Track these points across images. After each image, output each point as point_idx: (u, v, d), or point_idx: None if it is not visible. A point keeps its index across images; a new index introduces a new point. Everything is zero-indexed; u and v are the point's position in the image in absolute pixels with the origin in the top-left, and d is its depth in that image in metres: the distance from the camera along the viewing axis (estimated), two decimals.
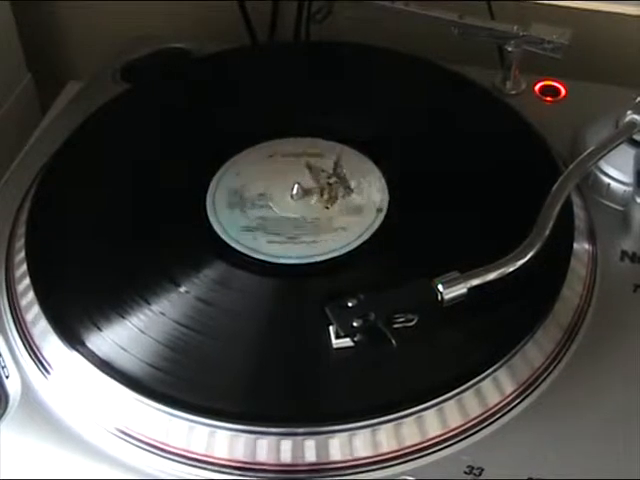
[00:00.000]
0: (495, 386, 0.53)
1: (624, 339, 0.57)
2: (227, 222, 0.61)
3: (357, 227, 0.60)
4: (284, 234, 0.60)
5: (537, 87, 0.74)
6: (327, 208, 0.62)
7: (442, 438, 0.52)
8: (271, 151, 0.66)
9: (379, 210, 0.61)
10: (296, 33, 0.86)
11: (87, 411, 0.54)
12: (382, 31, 0.76)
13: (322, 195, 0.62)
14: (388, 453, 0.51)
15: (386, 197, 0.62)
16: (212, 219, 0.61)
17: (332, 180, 0.63)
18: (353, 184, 0.63)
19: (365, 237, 0.59)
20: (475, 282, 0.54)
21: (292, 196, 0.62)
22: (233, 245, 0.59)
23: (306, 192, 0.62)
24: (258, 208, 0.62)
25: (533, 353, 0.54)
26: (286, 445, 0.51)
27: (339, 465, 0.51)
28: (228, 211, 0.62)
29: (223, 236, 0.60)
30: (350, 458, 0.51)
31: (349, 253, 0.59)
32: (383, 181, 0.63)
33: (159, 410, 0.52)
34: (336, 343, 0.53)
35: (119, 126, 0.69)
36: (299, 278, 0.58)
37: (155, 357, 0.54)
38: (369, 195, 0.62)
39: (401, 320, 0.53)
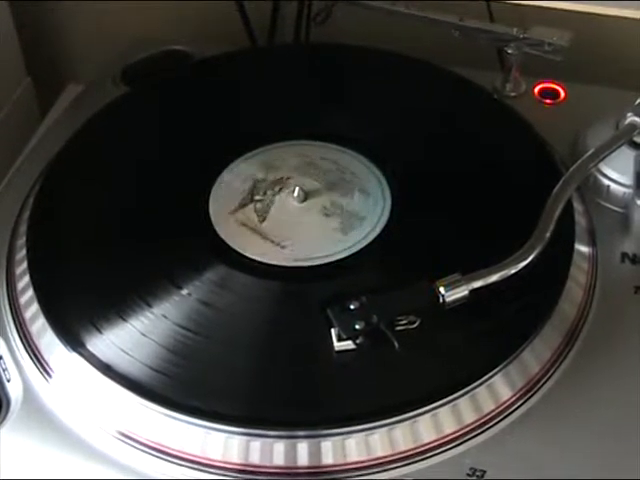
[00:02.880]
0: (501, 386, 0.53)
1: (625, 341, 0.57)
2: (229, 224, 0.61)
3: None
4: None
5: (537, 89, 0.74)
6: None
7: (445, 440, 0.52)
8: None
9: (381, 214, 0.61)
10: (296, 35, 0.86)
11: (88, 414, 0.54)
12: (382, 33, 0.76)
13: (322, 196, 0.63)
14: (386, 456, 0.51)
15: (388, 200, 0.62)
16: (214, 221, 0.61)
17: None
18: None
19: (367, 240, 0.59)
20: (477, 284, 0.54)
21: (294, 199, 0.62)
22: (235, 247, 0.59)
23: (308, 195, 0.62)
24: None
25: (535, 354, 0.55)
26: (281, 448, 0.51)
27: (358, 466, 0.51)
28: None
29: (225, 238, 0.60)
30: (358, 460, 0.51)
31: (351, 256, 0.59)
32: (385, 184, 0.63)
33: (160, 413, 0.52)
34: (338, 346, 0.53)
35: (119, 129, 0.69)
36: (301, 281, 0.58)
37: (157, 360, 0.54)
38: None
39: (403, 322, 0.53)
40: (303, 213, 0.62)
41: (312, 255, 0.59)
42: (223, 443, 0.51)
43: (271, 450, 0.51)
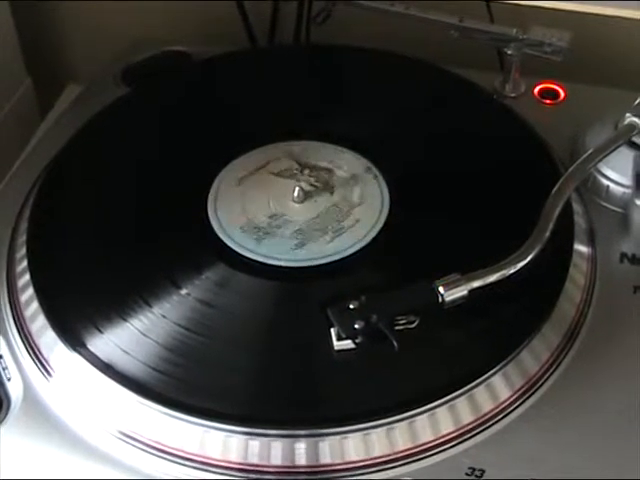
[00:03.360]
0: (500, 385, 0.53)
1: (624, 340, 0.57)
2: (228, 224, 0.61)
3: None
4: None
5: (537, 90, 0.74)
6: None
7: (444, 439, 0.52)
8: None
9: (380, 213, 0.61)
10: (296, 36, 0.86)
11: (88, 413, 0.54)
12: (381, 34, 0.76)
13: (322, 197, 0.63)
14: (385, 456, 0.51)
15: (387, 199, 0.62)
16: (213, 221, 0.61)
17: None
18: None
19: (367, 240, 0.60)
20: (476, 284, 0.54)
21: (294, 199, 0.62)
22: (234, 247, 0.59)
23: (307, 195, 0.62)
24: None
25: (533, 354, 0.55)
26: (280, 447, 0.51)
27: (356, 465, 0.51)
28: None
29: (224, 238, 0.60)
30: (360, 459, 0.51)
31: (351, 256, 0.59)
32: (384, 183, 0.63)
33: (161, 412, 0.52)
34: (337, 345, 0.53)
35: (120, 129, 0.69)
36: (300, 280, 0.58)
37: (156, 359, 0.54)
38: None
39: (403, 322, 0.53)
40: (303, 213, 0.62)
41: (312, 255, 0.59)
42: (223, 442, 0.51)
43: (269, 449, 0.51)
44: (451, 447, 0.52)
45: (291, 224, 0.61)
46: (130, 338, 0.55)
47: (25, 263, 0.60)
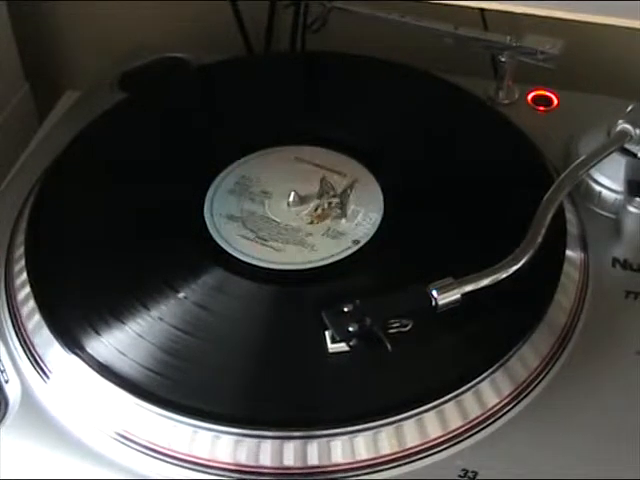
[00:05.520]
0: (491, 389, 0.53)
1: (616, 344, 0.57)
2: (225, 228, 0.62)
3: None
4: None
5: (530, 97, 0.75)
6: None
7: (436, 442, 0.52)
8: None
9: (375, 218, 0.62)
10: (292, 42, 0.87)
11: (86, 415, 0.54)
12: (377, 41, 0.77)
13: (315, 210, 0.63)
14: (385, 456, 0.52)
15: (381, 204, 0.63)
16: (210, 226, 0.62)
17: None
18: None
19: (361, 244, 0.60)
20: (468, 288, 0.54)
21: (289, 203, 0.63)
22: (231, 252, 0.60)
23: (303, 199, 0.63)
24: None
25: (527, 358, 0.55)
26: (288, 449, 0.51)
27: (345, 467, 0.52)
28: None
29: (221, 242, 0.61)
30: (345, 461, 0.51)
31: (345, 259, 0.59)
32: (378, 189, 0.64)
33: (158, 414, 0.52)
34: (332, 348, 0.53)
35: (117, 134, 0.70)
36: (295, 284, 0.59)
37: (154, 361, 0.54)
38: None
39: (396, 325, 0.53)
40: (298, 217, 0.62)
41: (307, 259, 0.59)
42: (213, 442, 0.52)
43: (268, 449, 0.51)
44: (443, 450, 0.52)
45: (286, 228, 0.61)
46: (127, 340, 0.55)
47: (23, 266, 0.60)
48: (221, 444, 0.52)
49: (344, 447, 0.51)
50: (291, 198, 0.63)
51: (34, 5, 0.95)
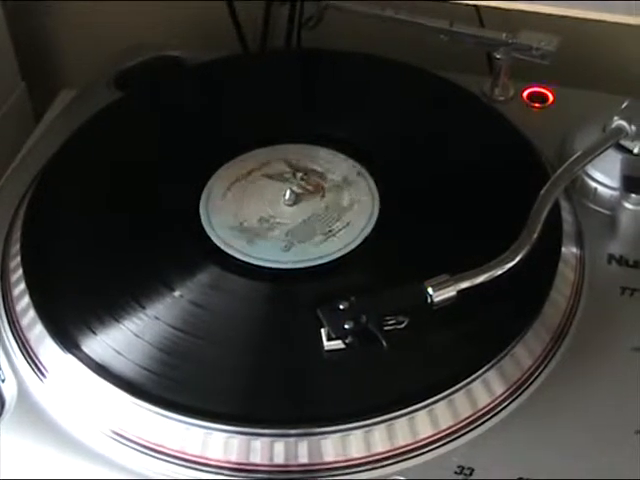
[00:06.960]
0: (485, 387, 0.53)
1: (611, 341, 0.57)
2: (220, 226, 0.62)
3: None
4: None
5: (525, 93, 0.75)
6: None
7: (433, 439, 0.52)
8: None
9: (370, 216, 0.62)
10: (287, 40, 0.87)
11: (83, 414, 0.54)
12: (372, 38, 0.77)
13: (313, 199, 0.63)
14: (380, 454, 0.52)
15: (377, 202, 0.63)
16: (205, 223, 0.62)
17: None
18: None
19: (357, 242, 0.60)
20: (464, 285, 0.54)
21: (285, 202, 0.63)
22: (226, 250, 0.60)
23: (298, 197, 0.63)
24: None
25: (522, 355, 0.55)
26: (279, 446, 0.51)
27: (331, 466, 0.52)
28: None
29: (216, 241, 0.61)
30: (338, 459, 0.51)
31: (341, 257, 0.59)
32: (373, 186, 0.64)
33: (153, 412, 0.52)
34: (327, 345, 0.54)
35: (113, 133, 0.70)
36: (291, 282, 0.59)
37: (149, 360, 0.54)
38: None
39: (392, 322, 0.53)
40: (294, 215, 0.62)
41: (303, 257, 0.59)
42: (223, 442, 0.52)
43: (269, 448, 0.51)
44: (439, 447, 0.52)
45: (282, 226, 0.62)
46: (123, 339, 0.55)
47: (19, 265, 0.60)
48: (213, 441, 0.52)
49: (335, 445, 0.51)
50: (287, 196, 0.63)
51: (30, 4, 0.95)
